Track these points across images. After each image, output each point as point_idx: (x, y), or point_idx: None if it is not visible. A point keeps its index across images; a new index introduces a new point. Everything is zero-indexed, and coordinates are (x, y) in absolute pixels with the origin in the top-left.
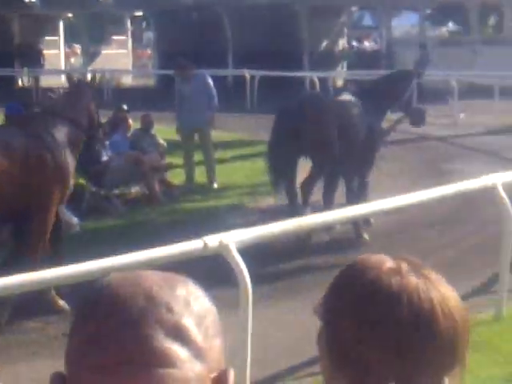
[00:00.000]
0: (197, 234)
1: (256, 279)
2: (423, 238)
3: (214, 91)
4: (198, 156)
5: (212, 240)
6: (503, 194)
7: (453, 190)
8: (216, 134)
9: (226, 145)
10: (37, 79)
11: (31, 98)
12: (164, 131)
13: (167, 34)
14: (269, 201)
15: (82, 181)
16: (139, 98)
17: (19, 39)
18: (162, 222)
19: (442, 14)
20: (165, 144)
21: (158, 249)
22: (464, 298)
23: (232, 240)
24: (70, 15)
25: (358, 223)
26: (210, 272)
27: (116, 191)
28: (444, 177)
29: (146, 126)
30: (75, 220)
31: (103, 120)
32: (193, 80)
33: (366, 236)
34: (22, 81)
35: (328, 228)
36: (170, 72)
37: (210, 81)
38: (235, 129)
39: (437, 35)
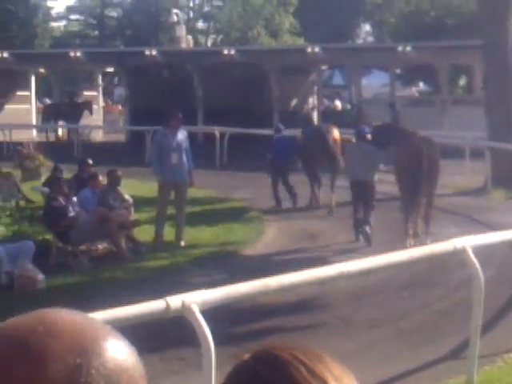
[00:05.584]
0: (161, 293)
1: (223, 339)
2: (393, 301)
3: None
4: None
5: (174, 301)
6: (473, 258)
7: (423, 253)
8: None
9: (195, 202)
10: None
11: (2, 152)
12: (135, 186)
13: (138, 90)
14: (235, 260)
15: (48, 236)
16: (109, 153)
17: None
18: (127, 279)
19: (412, 74)
20: (130, 200)
21: (119, 309)
22: (434, 363)
23: (195, 301)
24: (41, 70)
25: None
26: (176, 330)
27: (83, 247)
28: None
29: (113, 182)
30: (41, 276)
31: (70, 175)
32: (179, 134)
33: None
34: None
35: None
36: (142, 128)
37: None
38: (205, 186)
39: (407, 95)
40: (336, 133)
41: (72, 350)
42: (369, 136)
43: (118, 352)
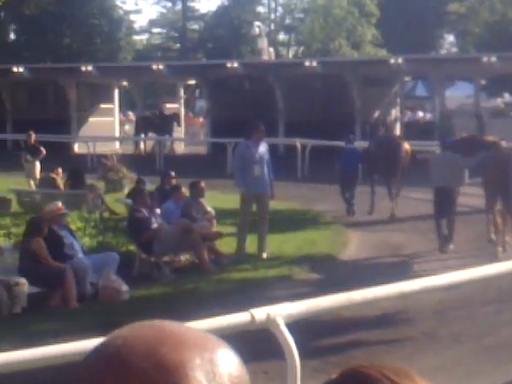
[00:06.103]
0: (244, 305)
1: (306, 352)
2: (479, 316)
3: None
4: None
5: (259, 313)
6: None
7: (509, 268)
8: None
9: (277, 214)
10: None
11: (86, 164)
12: (217, 198)
13: (219, 103)
14: (317, 272)
15: (132, 247)
16: (191, 165)
17: (76, 106)
18: (210, 291)
19: (497, 85)
20: (212, 212)
21: (203, 321)
22: None
23: (280, 313)
24: (124, 83)
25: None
26: (258, 343)
27: (165, 259)
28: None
29: (196, 194)
30: (125, 287)
31: (153, 187)
32: (261, 146)
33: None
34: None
35: None
36: (223, 140)
37: None
38: (286, 198)
39: (492, 106)
40: (407, 145)
41: (203, 359)
42: (451, 146)
43: (234, 360)
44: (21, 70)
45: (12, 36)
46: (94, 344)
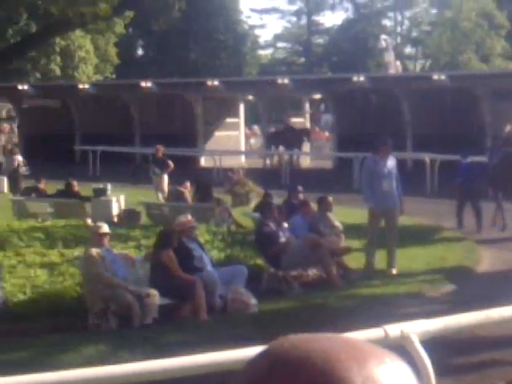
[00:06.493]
0: (375, 321)
1: (439, 370)
2: None
3: None
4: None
5: (393, 329)
6: None
7: None
8: None
9: (406, 230)
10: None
11: (212, 177)
12: (344, 213)
13: (345, 117)
14: (448, 289)
15: (260, 261)
16: (317, 179)
17: (202, 121)
18: (339, 306)
19: None
20: (340, 226)
21: None
22: None
23: (414, 330)
24: (250, 98)
25: None
26: None
27: (293, 273)
28: None
29: (324, 208)
30: (253, 300)
31: (280, 201)
32: (389, 160)
33: None
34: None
35: None
36: (349, 154)
37: None
38: (415, 213)
39: None
40: None
41: (394, 371)
42: None
43: (406, 370)
44: (149, 84)
45: (140, 52)
46: (244, 354)
